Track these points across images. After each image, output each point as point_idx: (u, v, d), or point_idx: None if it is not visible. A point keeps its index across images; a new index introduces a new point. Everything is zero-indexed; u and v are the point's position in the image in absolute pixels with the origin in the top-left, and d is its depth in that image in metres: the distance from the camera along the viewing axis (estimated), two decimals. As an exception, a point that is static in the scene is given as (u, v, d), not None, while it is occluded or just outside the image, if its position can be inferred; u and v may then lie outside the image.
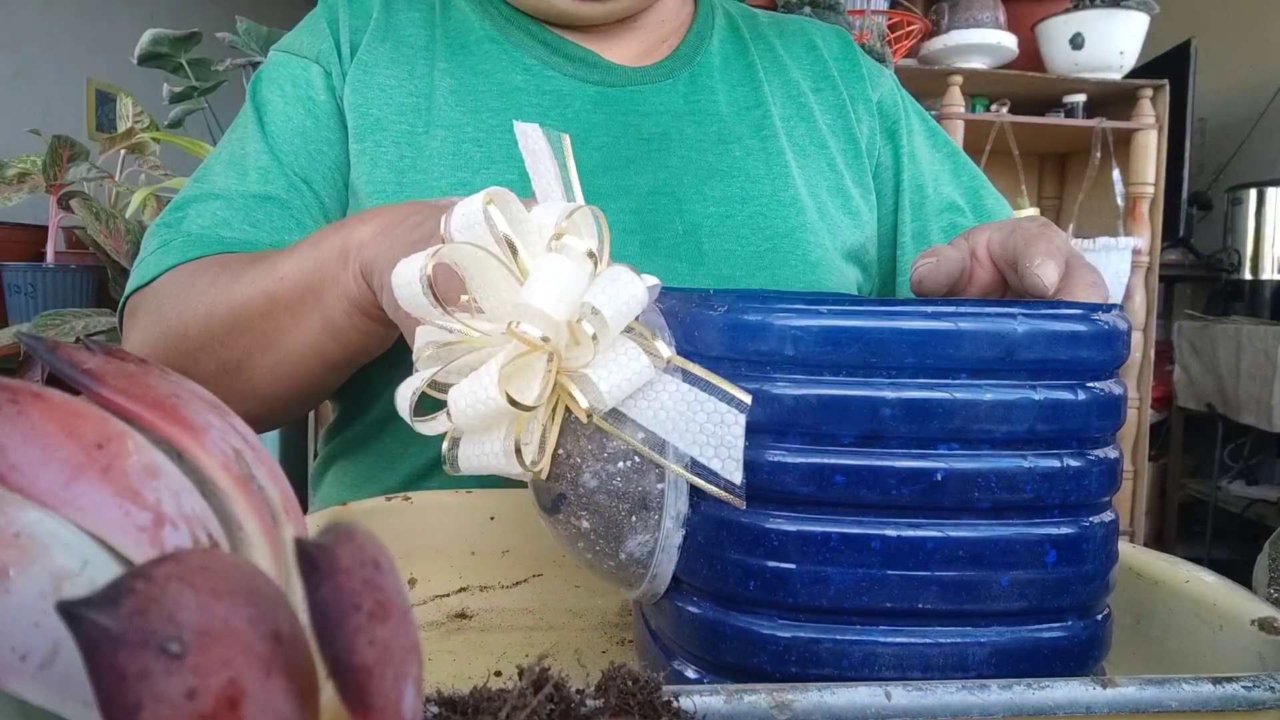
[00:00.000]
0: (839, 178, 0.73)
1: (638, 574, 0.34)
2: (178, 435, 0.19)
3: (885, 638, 0.30)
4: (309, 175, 0.66)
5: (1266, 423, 2.13)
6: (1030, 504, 0.30)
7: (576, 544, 0.35)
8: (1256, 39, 2.84)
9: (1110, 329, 0.31)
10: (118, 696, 0.12)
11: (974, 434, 0.30)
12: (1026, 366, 0.30)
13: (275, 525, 0.20)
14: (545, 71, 0.69)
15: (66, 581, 0.15)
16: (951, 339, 0.30)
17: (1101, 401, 0.31)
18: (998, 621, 0.31)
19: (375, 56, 0.68)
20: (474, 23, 0.71)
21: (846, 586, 0.30)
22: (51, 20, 2.97)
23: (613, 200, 0.65)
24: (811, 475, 0.30)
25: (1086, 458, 0.31)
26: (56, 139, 1.41)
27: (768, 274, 0.67)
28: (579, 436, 0.33)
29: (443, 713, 0.22)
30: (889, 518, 0.30)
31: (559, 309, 0.30)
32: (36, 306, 1.42)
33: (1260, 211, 2.47)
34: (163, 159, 1.60)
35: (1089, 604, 0.32)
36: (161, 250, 0.62)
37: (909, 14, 1.92)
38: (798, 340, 0.30)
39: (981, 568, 0.30)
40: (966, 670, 0.30)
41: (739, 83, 0.73)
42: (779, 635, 0.30)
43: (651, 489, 0.32)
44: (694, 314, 0.32)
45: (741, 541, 0.31)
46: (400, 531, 0.47)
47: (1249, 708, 0.27)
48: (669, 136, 0.69)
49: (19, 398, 0.17)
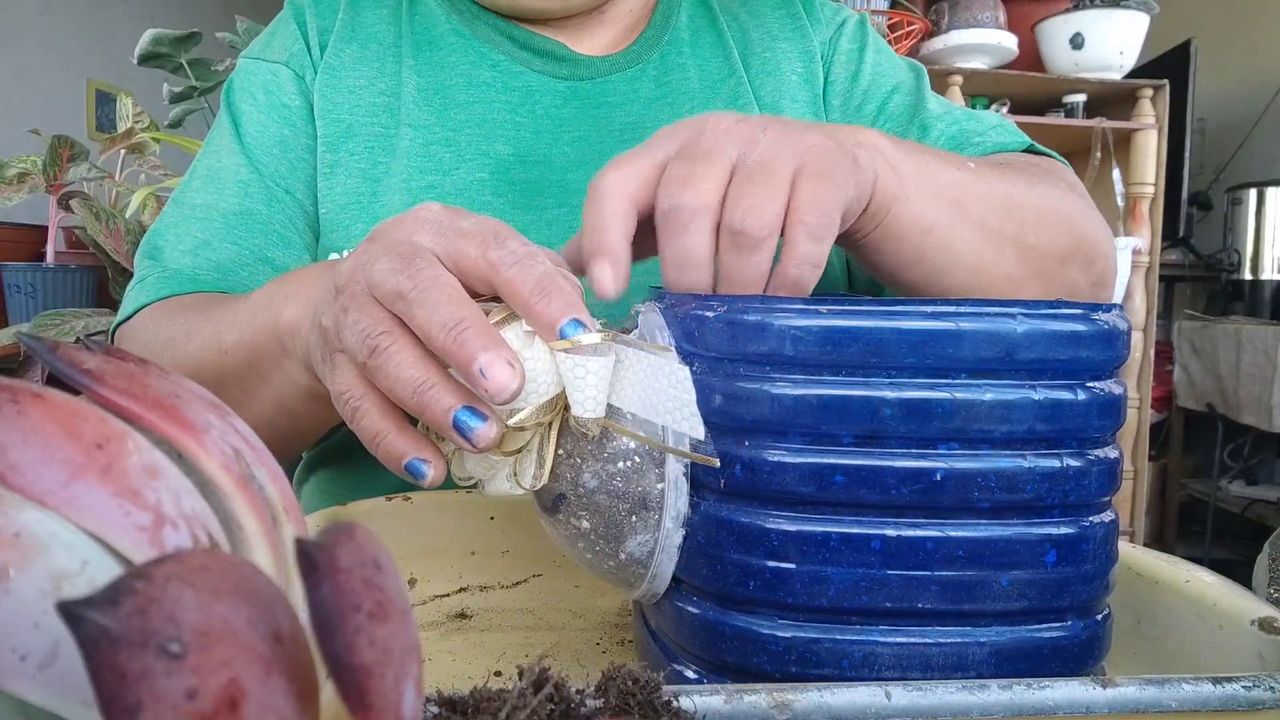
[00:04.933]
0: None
1: (638, 574, 0.34)
2: (178, 435, 0.19)
3: (885, 638, 0.30)
4: (290, 184, 0.65)
5: (1266, 423, 2.13)
6: (1030, 504, 0.30)
7: (577, 544, 0.35)
8: (1256, 39, 2.84)
9: (1110, 329, 0.31)
10: (118, 696, 0.12)
11: (974, 434, 0.30)
12: (1026, 366, 0.30)
13: (275, 525, 0.20)
14: (514, 67, 0.68)
15: (66, 581, 0.15)
16: (951, 339, 0.30)
17: (1101, 401, 0.31)
18: (998, 621, 0.31)
19: (342, 58, 0.67)
20: (440, 19, 0.69)
21: (846, 586, 0.30)
22: (51, 20, 2.97)
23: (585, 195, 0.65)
24: (811, 475, 0.30)
25: (1086, 458, 0.31)
26: (56, 139, 1.41)
27: None
28: (578, 439, 0.33)
29: (443, 713, 0.22)
30: (889, 517, 0.30)
31: (543, 396, 0.33)
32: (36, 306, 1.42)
33: (1260, 211, 2.47)
34: (163, 159, 1.60)
35: (1089, 604, 0.32)
36: (139, 286, 0.61)
37: (909, 14, 1.93)
38: (797, 340, 0.30)
39: (981, 568, 0.30)
40: (966, 670, 0.30)
41: (710, 55, 0.72)
42: (779, 635, 0.30)
43: (651, 489, 0.32)
44: (693, 314, 0.32)
45: (741, 541, 0.31)
46: (400, 531, 0.47)
47: (1249, 708, 0.27)
48: (642, 125, 0.68)
49: (19, 398, 0.17)
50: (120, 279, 1.37)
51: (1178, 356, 2.50)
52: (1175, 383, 2.51)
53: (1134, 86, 2.01)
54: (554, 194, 0.64)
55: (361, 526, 0.16)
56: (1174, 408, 2.56)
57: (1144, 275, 2.01)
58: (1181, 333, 2.50)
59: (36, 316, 1.32)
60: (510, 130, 0.66)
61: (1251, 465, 2.57)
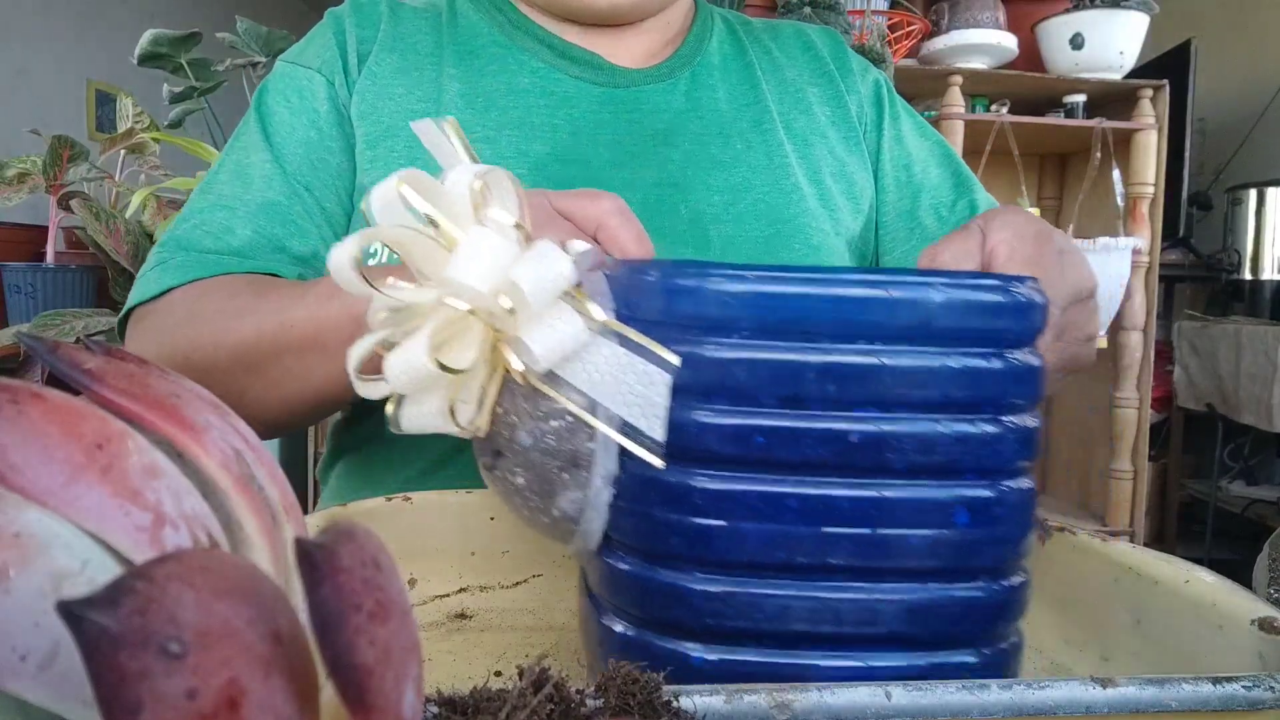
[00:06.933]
0: (840, 164, 0.75)
1: (570, 529, 0.35)
2: (178, 435, 0.19)
3: (799, 592, 0.31)
4: (310, 183, 0.67)
5: (1266, 423, 2.13)
6: (943, 467, 0.31)
7: (513, 499, 0.36)
8: (1256, 39, 2.84)
9: (1026, 301, 0.32)
10: (118, 696, 0.12)
11: (890, 398, 0.31)
12: (943, 334, 0.31)
13: (275, 525, 0.20)
14: (552, 74, 0.71)
15: (66, 581, 0.15)
16: (871, 305, 0.31)
17: (1018, 371, 0.32)
18: (909, 579, 0.32)
19: (384, 67, 0.70)
20: (481, 30, 0.73)
21: (763, 543, 0.31)
22: (51, 20, 2.97)
23: (622, 192, 0.67)
24: (733, 435, 0.31)
25: (1002, 424, 0.32)
26: (56, 139, 1.41)
27: (771, 259, 0.68)
28: (516, 395, 0.34)
29: (443, 713, 0.22)
30: (806, 476, 0.31)
31: (484, 282, 0.31)
32: (36, 306, 1.42)
33: (1260, 211, 2.47)
34: (163, 159, 1.60)
35: (1001, 567, 0.33)
36: (161, 268, 0.64)
37: (909, 14, 1.93)
38: (724, 304, 0.31)
39: (893, 526, 0.31)
40: (877, 625, 0.31)
41: (738, 81, 0.76)
42: (697, 589, 0.32)
43: (582, 448, 0.33)
44: (632, 279, 0.34)
45: (666, 499, 0.32)
46: (400, 531, 0.47)
47: (1249, 708, 0.27)
48: (673, 131, 0.71)
49: (19, 398, 0.17)
50: (120, 279, 1.37)
51: (1178, 356, 2.49)
52: (1175, 383, 2.51)
53: (1134, 87, 2.01)
54: None
55: (361, 526, 0.16)
56: (1174, 408, 2.56)
57: (1144, 275, 2.01)
58: (1181, 333, 2.50)
59: (36, 316, 1.32)
60: (548, 132, 0.68)
61: (1251, 465, 2.57)
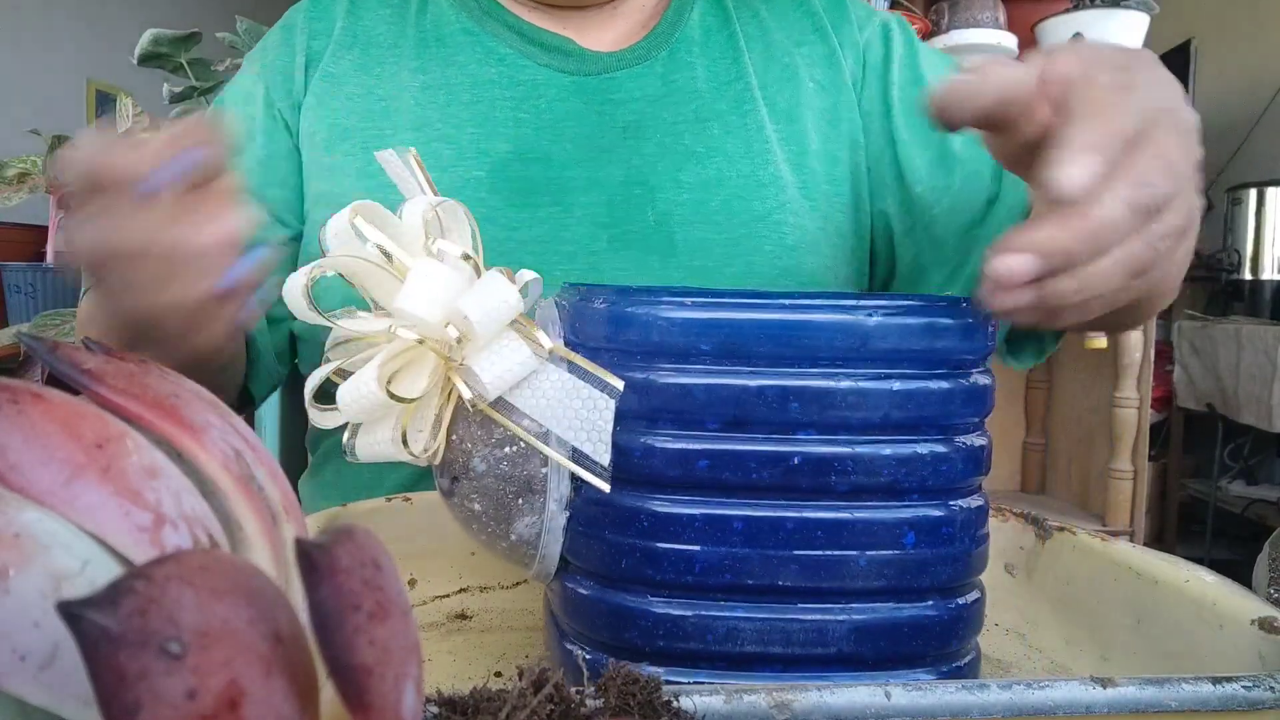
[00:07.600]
0: (824, 138, 0.70)
1: (529, 555, 0.35)
2: (178, 435, 0.19)
3: (748, 613, 0.32)
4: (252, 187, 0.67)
5: (1266, 423, 2.13)
6: (888, 487, 0.32)
7: (471, 525, 0.36)
8: (1256, 39, 2.84)
9: (969, 323, 0.32)
10: (118, 697, 0.12)
11: (830, 420, 0.31)
12: (882, 357, 0.31)
13: (275, 525, 0.20)
14: (519, 61, 0.68)
15: (66, 581, 0.15)
16: (807, 330, 0.31)
17: (965, 391, 0.32)
18: (857, 599, 0.32)
19: (341, 66, 0.68)
20: (450, 17, 0.70)
21: (711, 564, 0.31)
22: (51, 20, 2.97)
23: (584, 193, 0.65)
24: (678, 459, 0.31)
25: (950, 444, 0.32)
26: (56, 139, 1.41)
27: (742, 261, 0.65)
28: (470, 423, 0.34)
29: (443, 713, 0.22)
30: (750, 499, 0.31)
31: (433, 312, 0.32)
32: (36, 306, 1.42)
33: (1260, 211, 2.47)
34: (163, 159, 1.59)
35: (952, 585, 0.33)
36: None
37: (909, 14, 1.93)
38: (665, 331, 0.31)
39: (839, 548, 0.31)
40: (827, 646, 0.32)
41: (719, 56, 0.71)
42: (649, 611, 0.32)
43: (536, 473, 0.34)
44: (579, 307, 0.34)
45: (616, 522, 0.32)
46: (400, 531, 0.47)
47: (1249, 708, 0.27)
48: (644, 123, 0.68)
49: (19, 398, 0.17)
50: (120, 279, 1.37)
51: (1178, 356, 2.49)
52: (1175, 383, 2.50)
53: (1134, 86, 2.01)
54: (549, 192, 0.65)
55: (361, 527, 0.16)
56: (1174, 408, 2.56)
57: (1144, 275, 2.01)
58: (1181, 333, 2.50)
59: (36, 316, 1.32)
60: (511, 128, 0.66)
61: (1251, 465, 2.57)
